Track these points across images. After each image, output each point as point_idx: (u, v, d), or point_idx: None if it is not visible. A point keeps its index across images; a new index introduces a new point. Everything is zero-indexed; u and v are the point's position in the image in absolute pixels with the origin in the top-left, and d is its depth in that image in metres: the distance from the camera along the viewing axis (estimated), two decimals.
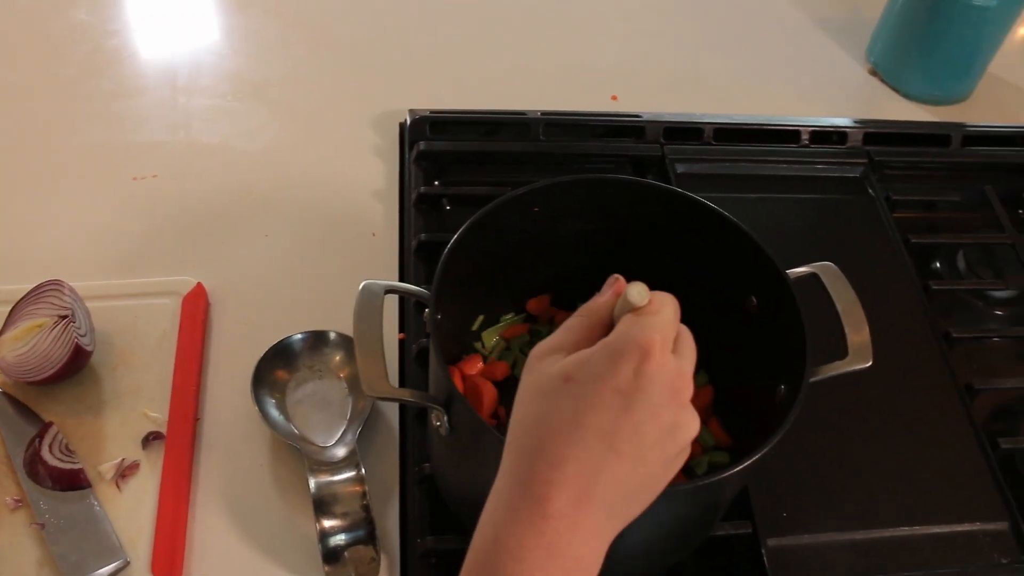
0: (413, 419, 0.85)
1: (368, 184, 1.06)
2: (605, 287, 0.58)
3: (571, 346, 0.55)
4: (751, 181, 1.10)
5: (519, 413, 0.54)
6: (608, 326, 0.56)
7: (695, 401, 0.55)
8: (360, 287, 0.69)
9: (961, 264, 1.10)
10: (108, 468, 0.80)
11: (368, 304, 0.67)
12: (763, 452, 0.62)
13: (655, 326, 0.53)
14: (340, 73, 1.19)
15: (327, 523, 0.77)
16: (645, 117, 1.12)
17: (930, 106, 1.29)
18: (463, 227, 0.71)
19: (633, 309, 0.54)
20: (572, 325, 0.57)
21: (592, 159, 1.09)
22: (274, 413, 0.84)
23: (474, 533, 0.52)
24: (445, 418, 0.66)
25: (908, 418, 0.92)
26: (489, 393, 0.83)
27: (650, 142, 1.11)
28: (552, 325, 0.88)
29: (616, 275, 0.59)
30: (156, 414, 0.83)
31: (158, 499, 0.78)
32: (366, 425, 0.85)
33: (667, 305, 0.55)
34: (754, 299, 0.76)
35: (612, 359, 0.52)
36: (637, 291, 0.54)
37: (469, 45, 1.26)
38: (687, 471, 0.79)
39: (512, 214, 0.74)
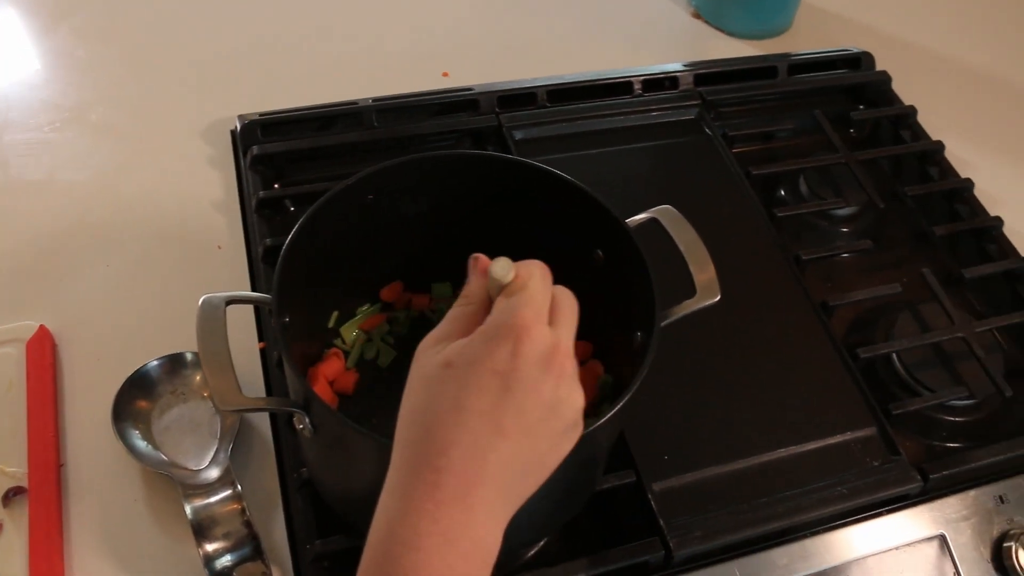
0: (285, 426, 0.84)
1: (206, 197, 1.03)
2: (470, 271, 0.59)
3: (456, 334, 0.55)
4: (590, 137, 1.10)
5: (405, 405, 0.54)
6: (487, 309, 0.56)
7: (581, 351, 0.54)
8: (199, 303, 0.67)
9: (803, 188, 1.13)
10: None
11: (210, 319, 0.66)
12: (623, 401, 0.63)
13: (526, 302, 0.53)
14: (162, 88, 1.15)
15: (210, 547, 0.76)
16: (477, 89, 1.12)
17: (754, 41, 1.32)
18: (294, 229, 0.69)
19: (501, 284, 0.54)
20: (455, 314, 0.57)
21: (430, 138, 1.08)
22: (140, 445, 0.82)
23: (369, 530, 0.52)
24: (307, 420, 0.65)
25: (771, 344, 0.94)
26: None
27: (485, 113, 1.10)
28: (409, 310, 0.88)
29: (476, 255, 0.59)
30: (14, 468, 0.80)
31: (28, 557, 0.75)
32: (238, 440, 0.83)
33: (534, 275, 0.55)
34: (600, 252, 0.77)
35: (487, 343, 0.52)
36: (500, 267, 0.54)
37: (291, 41, 1.23)
38: None
39: (345, 206, 0.73)
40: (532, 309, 0.53)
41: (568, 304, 0.57)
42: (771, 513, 0.81)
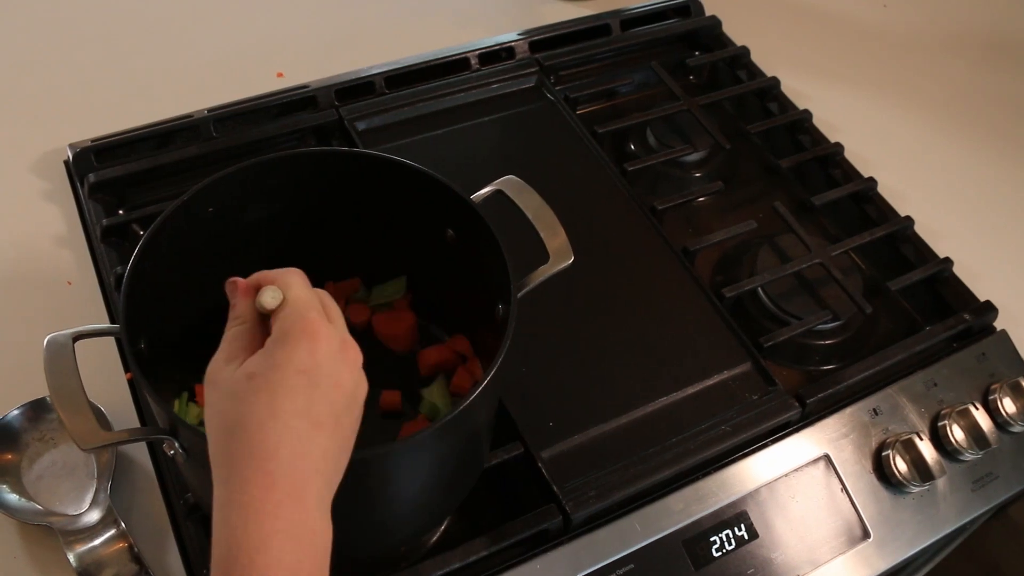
0: (164, 454, 0.81)
1: (47, 232, 0.99)
2: (230, 294, 0.61)
3: (242, 352, 0.58)
4: (433, 118, 1.09)
5: (215, 424, 0.55)
6: (262, 324, 0.59)
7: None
8: (44, 343, 0.65)
9: (651, 140, 1.15)
10: None
11: (58, 358, 0.63)
12: (491, 374, 0.63)
13: (307, 306, 0.57)
14: None
15: None
16: (314, 86, 1.10)
17: (584, 2, 1.33)
18: (132, 257, 0.67)
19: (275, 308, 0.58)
20: (232, 335, 0.59)
21: (273, 141, 1.06)
22: (11, 498, 0.79)
23: (212, 550, 0.52)
24: (177, 445, 0.64)
25: (639, 296, 0.96)
26: None
27: (324, 108, 1.09)
28: None
29: (230, 279, 0.61)
30: None
31: None
32: (118, 476, 0.81)
33: (296, 283, 0.59)
34: (451, 231, 0.77)
35: (284, 347, 0.55)
36: (270, 295, 0.58)
37: (115, 60, 1.19)
38: None
39: (184, 224, 0.71)
40: (314, 311, 0.57)
41: (333, 303, 0.60)
42: (661, 461, 0.83)
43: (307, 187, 0.78)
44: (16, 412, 0.82)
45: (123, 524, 0.77)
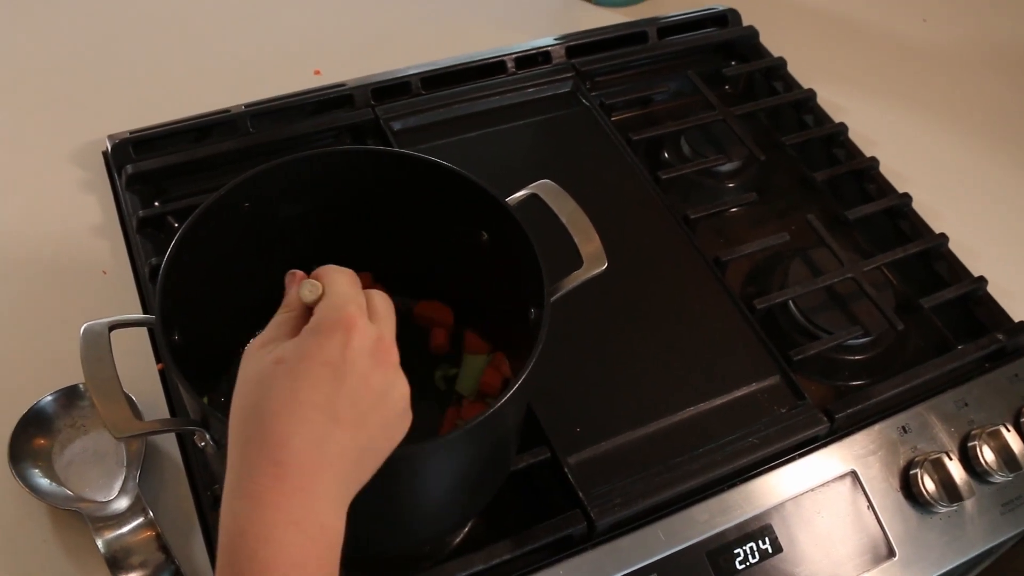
0: (193, 445, 0.82)
1: (85, 222, 1.00)
2: (288, 283, 0.61)
3: (282, 337, 0.57)
4: (468, 120, 1.10)
5: (237, 404, 0.55)
6: (307, 315, 0.58)
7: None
8: (81, 331, 0.65)
9: (685, 149, 1.15)
10: None
11: (94, 347, 0.64)
12: (522, 378, 0.63)
13: (345, 300, 0.56)
14: (24, 114, 1.11)
15: None
16: (350, 84, 1.11)
17: (622, 8, 1.33)
18: (169, 249, 0.68)
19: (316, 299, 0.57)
20: (278, 321, 0.59)
21: (309, 139, 1.06)
22: (43, 483, 0.80)
23: (219, 536, 0.52)
24: (208, 437, 0.64)
25: (670, 305, 0.96)
26: None
27: (361, 107, 1.09)
28: None
29: (291, 271, 0.61)
30: None
31: None
32: (147, 465, 0.82)
33: (340, 280, 0.58)
34: (484, 234, 0.77)
35: (317, 337, 0.55)
36: (308, 289, 0.58)
37: (156, 54, 1.20)
38: None
39: (220, 218, 0.72)
40: (353, 305, 0.56)
41: (383, 303, 0.60)
42: (687, 471, 0.82)
43: (342, 185, 0.78)
44: (49, 398, 0.83)
45: (151, 513, 0.78)
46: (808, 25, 1.38)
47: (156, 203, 1.00)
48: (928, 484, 0.85)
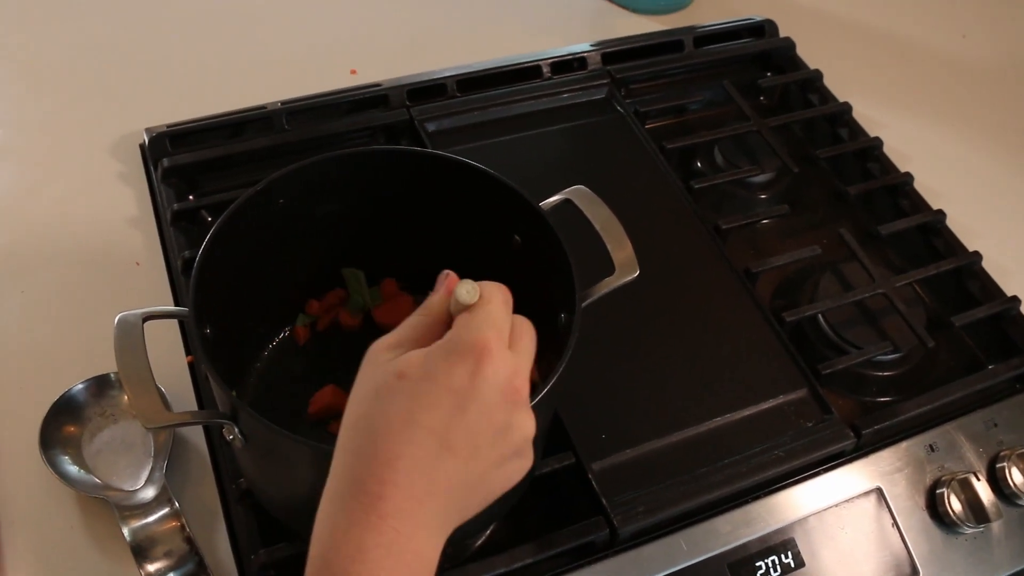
0: (220, 438, 0.83)
1: (120, 213, 1.01)
2: (438, 283, 0.58)
3: (410, 343, 0.55)
4: (503, 124, 1.10)
5: (352, 410, 0.54)
6: (446, 323, 0.56)
7: None
8: (115, 321, 0.66)
9: (718, 159, 1.15)
10: None
11: (127, 337, 0.65)
12: (551, 383, 0.63)
13: (490, 323, 0.53)
14: (65, 106, 1.13)
15: (151, 567, 0.75)
16: (386, 84, 1.11)
17: (658, 16, 1.33)
18: (204, 241, 0.68)
19: (464, 306, 0.55)
20: (412, 323, 0.57)
21: (343, 137, 1.07)
22: (72, 470, 0.80)
23: (311, 541, 0.51)
24: (236, 430, 0.65)
25: (699, 314, 0.95)
26: None
27: (396, 108, 1.10)
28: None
29: (447, 271, 0.58)
30: None
31: None
32: (174, 456, 0.82)
33: (495, 299, 0.55)
34: (517, 237, 0.77)
35: (448, 358, 0.52)
36: (465, 289, 0.55)
37: (194, 49, 1.21)
38: None
39: (255, 213, 0.73)
40: (495, 331, 0.53)
41: (528, 333, 0.57)
42: (712, 482, 0.82)
43: (376, 185, 0.79)
44: (81, 386, 0.84)
45: (176, 504, 0.78)
46: (846, 38, 1.37)
47: (190, 197, 1.01)
48: (955, 504, 0.84)
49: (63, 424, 0.83)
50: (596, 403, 0.86)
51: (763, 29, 1.30)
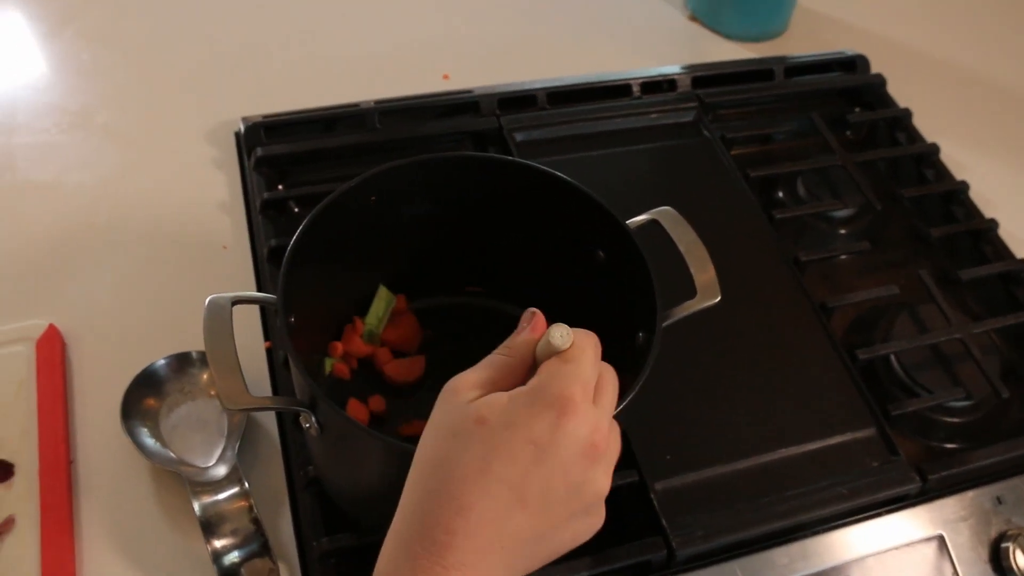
0: (292, 424, 0.85)
1: (212, 198, 1.04)
2: (523, 322, 0.57)
3: (490, 384, 0.54)
4: (590, 139, 1.11)
5: (426, 450, 0.53)
6: (529, 364, 0.55)
7: None
8: (206, 303, 0.68)
9: (801, 190, 1.14)
10: None
11: (216, 319, 0.66)
12: (626, 401, 0.63)
13: (577, 376, 0.52)
14: (166, 91, 1.16)
15: (218, 543, 0.77)
16: (478, 92, 1.13)
17: (750, 43, 1.33)
18: (299, 230, 0.70)
19: (555, 351, 0.53)
20: (493, 362, 0.56)
21: (432, 140, 1.08)
22: (149, 442, 0.83)
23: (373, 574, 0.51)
24: (313, 419, 0.66)
25: (771, 344, 0.95)
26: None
27: (486, 115, 1.11)
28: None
29: (533, 310, 0.58)
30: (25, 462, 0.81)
31: (40, 551, 0.76)
32: (245, 438, 0.84)
33: (588, 348, 0.54)
34: (601, 253, 0.78)
35: (530, 408, 0.51)
36: (560, 334, 0.53)
37: (293, 43, 1.25)
38: None
39: (348, 207, 0.74)
40: (581, 384, 0.52)
41: (612, 385, 0.56)
42: (772, 513, 0.82)
43: (466, 190, 0.80)
44: (163, 362, 0.87)
45: (246, 484, 0.80)
46: (938, 77, 1.36)
47: (279, 187, 1.04)
48: (1020, 560, 0.83)
49: (143, 397, 0.85)
50: (663, 424, 0.87)
51: (855, 64, 1.29)
